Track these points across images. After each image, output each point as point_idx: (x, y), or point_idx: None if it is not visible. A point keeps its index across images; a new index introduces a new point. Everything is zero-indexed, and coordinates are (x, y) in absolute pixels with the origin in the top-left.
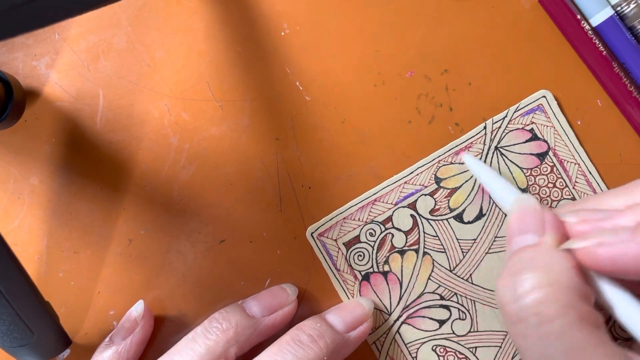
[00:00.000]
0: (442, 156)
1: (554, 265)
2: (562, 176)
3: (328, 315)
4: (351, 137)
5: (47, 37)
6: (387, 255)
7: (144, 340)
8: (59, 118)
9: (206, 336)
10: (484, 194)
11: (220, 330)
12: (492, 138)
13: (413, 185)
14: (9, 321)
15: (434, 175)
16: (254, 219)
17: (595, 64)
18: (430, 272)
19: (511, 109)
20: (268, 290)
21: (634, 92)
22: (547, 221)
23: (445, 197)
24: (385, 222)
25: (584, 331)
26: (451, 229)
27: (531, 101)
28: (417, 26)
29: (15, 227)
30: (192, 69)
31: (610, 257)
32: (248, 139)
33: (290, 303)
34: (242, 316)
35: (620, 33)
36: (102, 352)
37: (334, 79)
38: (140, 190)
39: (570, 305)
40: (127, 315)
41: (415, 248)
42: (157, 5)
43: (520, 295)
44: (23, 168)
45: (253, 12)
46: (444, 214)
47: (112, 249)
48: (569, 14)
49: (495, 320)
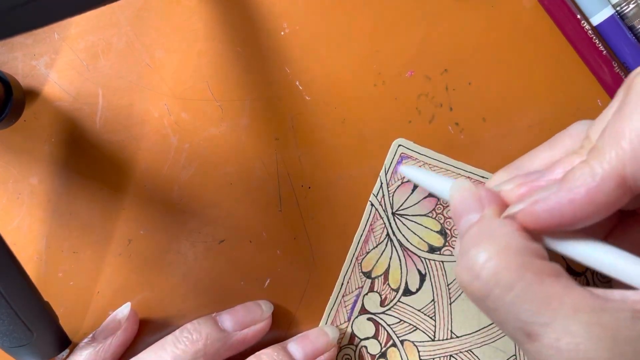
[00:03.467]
0: (356, 253)
1: (498, 234)
2: None
3: (290, 344)
4: (351, 137)
5: (47, 37)
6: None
7: (124, 343)
8: (58, 118)
9: (175, 345)
10: (407, 259)
11: (190, 340)
12: (385, 209)
13: (351, 295)
14: (8, 321)
15: (361, 272)
16: (253, 219)
17: (595, 64)
18: (418, 354)
19: (381, 174)
20: (243, 305)
21: None
22: (484, 197)
23: (384, 284)
24: (351, 340)
25: (546, 284)
26: (407, 305)
27: (392, 155)
28: (417, 26)
29: (15, 227)
30: (192, 69)
31: (546, 210)
32: (248, 139)
33: (264, 320)
34: (213, 329)
35: (620, 32)
36: (82, 349)
37: (334, 79)
38: (140, 190)
39: (523, 265)
40: (112, 316)
41: (392, 343)
42: (157, 5)
43: (476, 272)
44: (23, 168)
45: (253, 12)
46: (392, 298)
47: (112, 249)
48: (569, 14)
49: (497, 353)
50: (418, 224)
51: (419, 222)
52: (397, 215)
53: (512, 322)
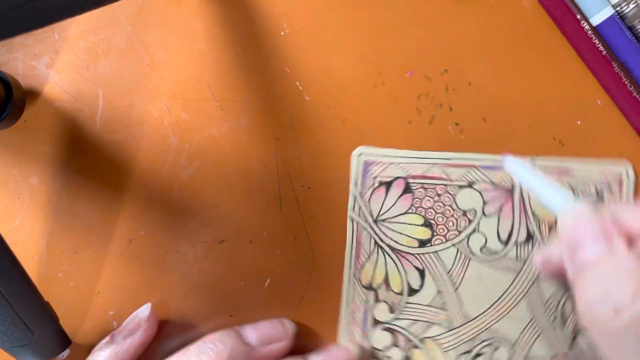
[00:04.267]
0: (352, 270)
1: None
2: None
3: (311, 357)
4: (351, 137)
5: (47, 37)
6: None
7: (144, 344)
8: (58, 118)
9: (199, 356)
10: (402, 260)
11: (214, 351)
12: (366, 219)
13: (359, 311)
14: (8, 321)
15: (362, 287)
16: (254, 219)
17: (595, 64)
18: (440, 348)
19: (351, 187)
20: (267, 322)
21: (634, 92)
22: (609, 228)
23: (387, 291)
24: (374, 354)
25: None
26: (416, 304)
27: (356, 167)
28: (417, 26)
29: (15, 227)
30: (192, 69)
31: None
32: (248, 139)
33: (287, 338)
34: (237, 341)
35: (620, 32)
36: (101, 349)
37: (334, 79)
38: (140, 190)
39: None
40: (132, 317)
41: (413, 345)
42: (157, 5)
43: (618, 310)
44: (23, 168)
45: (253, 12)
46: (399, 302)
47: (112, 249)
48: (569, 14)
49: (515, 324)
50: (402, 223)
51: (402, 221)
52: (379, 222)
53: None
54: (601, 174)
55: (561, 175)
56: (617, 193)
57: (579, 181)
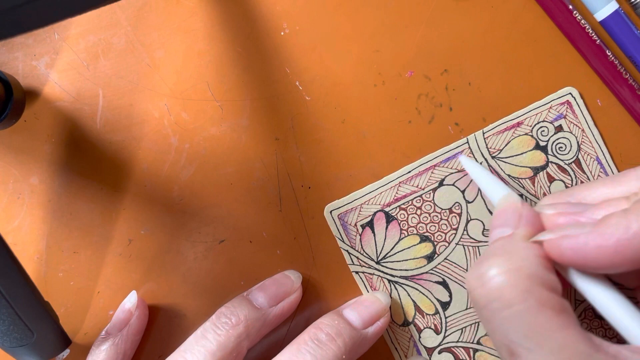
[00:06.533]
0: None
1: (517, 253)
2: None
3: (345, 311)
4: (351, 137)
5: (47, 37)
6: None
7: (139, 330)
8: (58, 118)
9: (216, 332)
10: (422, 283)
11: (230, 325)
12: (369, 266)
13: (410, 348)
14: (8, 321)
15: (398, 327)
16: (254, 219)
17: (594, 63)
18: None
19: (340, 244)
20: (272, 279)
21: (637, 90)
22: (524, 216)
23: (424, 318)
24: None
25: (544, 316)
26: (455, 314)
27: (334, 224)
28: (417, 26)
29: (15, 227)
30: (192, 69)
31: (571, 248)
32: (248, 139)
33: (296, 290)
34: (250, 309)
35: (625, 27)
36: (99, 345)
37: (334, 79)
38: (140, 190)
39: (529, 290)
40: (121, 307)
41: (474, 350)
42: (157, 5)
43: (484, 280)
44: (23, 168)
45: (253, 12)
46: (440, 321)
47: (112, 249)
48: (562, 7)
49: None
50: (402, 251)
51: (401, 248)
52: (381, 262)
53: (500, 337)
54: (549, 109)
55: (515, 128)
56: (572, 117)
57: (534, 126)
